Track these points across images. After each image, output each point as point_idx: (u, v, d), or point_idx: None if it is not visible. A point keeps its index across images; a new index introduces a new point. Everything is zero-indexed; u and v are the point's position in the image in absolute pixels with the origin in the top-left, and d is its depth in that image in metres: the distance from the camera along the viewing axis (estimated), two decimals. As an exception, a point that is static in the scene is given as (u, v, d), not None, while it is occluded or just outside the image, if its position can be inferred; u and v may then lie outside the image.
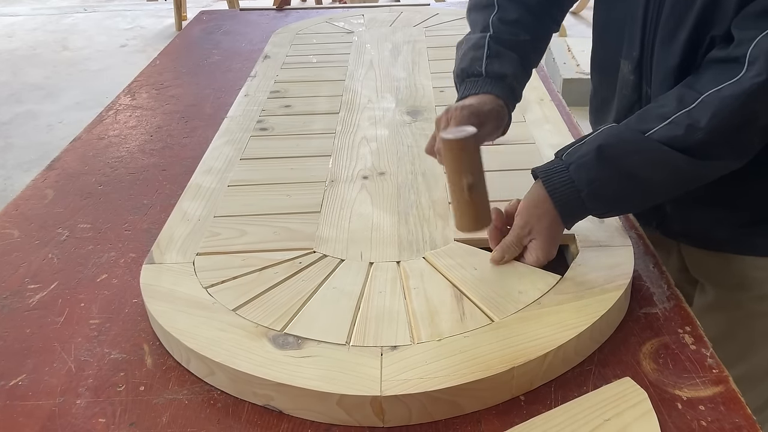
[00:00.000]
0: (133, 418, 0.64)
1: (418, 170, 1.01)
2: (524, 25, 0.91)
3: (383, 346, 0.67)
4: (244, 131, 1.16)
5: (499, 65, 0.87)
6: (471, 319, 0.70)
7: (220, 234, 0.87)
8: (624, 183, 0.72)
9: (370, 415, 0.62)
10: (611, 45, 0.89)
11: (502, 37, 0.90)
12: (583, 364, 0.68)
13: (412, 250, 0.82)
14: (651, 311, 0.75)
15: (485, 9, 0.93)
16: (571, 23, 4.56)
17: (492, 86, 0.86)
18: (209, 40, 1.77)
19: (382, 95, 1.29)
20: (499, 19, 0.91)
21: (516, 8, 0.91)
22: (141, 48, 4.58)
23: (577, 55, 3.38)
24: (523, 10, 0.91)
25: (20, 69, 4.26)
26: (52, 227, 0.96)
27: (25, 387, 0.68)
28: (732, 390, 0.64)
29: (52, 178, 1.09)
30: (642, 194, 0.75)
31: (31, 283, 0.84)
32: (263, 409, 0.65)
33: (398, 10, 1.86)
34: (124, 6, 5.64)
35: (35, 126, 3.44)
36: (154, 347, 0.73)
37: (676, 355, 0.68)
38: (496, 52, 0.88)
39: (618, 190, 0.73)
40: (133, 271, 0.85)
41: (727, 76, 0.67)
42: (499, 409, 0.63)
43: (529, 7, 0.92)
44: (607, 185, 0.72)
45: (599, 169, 0.72)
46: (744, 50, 0.66)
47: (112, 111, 1.35)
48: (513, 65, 0.88)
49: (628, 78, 0.86)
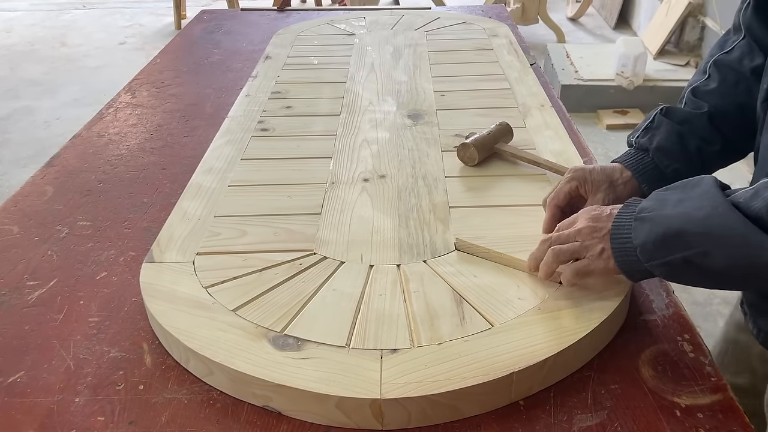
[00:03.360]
0: (132, 417, 0.64)
1: (419, 174, 1.01)
2: (715, 94, 0.82)
3: (383, 348, 0.67)
4: (245, 131, 1.16)
5: (649, 137, 0.83)
6: (471, 323, 0.70)
7: (221, 234, 0.87)
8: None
9: (369, 417, 0.62)
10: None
11: (678, 107, 0.84)
12: (583, 370, 0.68)
13: (413, 254, 0.82)
14: (650, 318, 0.75)
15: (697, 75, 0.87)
16: (569, 29, 4.58)
17: (628, 157, 0.83)
18: (210, 40, 1.76)
19: (383, 98, 1.29)
20: (693, 89, 0.85)
21: (720, 77, 0.83)
22: (140, 46, 4.57)
23: (575, 61, 3.39)
24: (730, 76, 0.82)
25: (18, 65, 4.25)
26: (51, 224, 0.95)
27: (23, 384, 0.68)
28: (730, 398, 0.64)
29: (51, 175, 1.09)
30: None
31: (30, 280, 0.84)
32: (262, 410, 0.65)
33: (399, 13, 1.86)
34: (123, 3, 5.63)
35: (32, 122, 3.43)
36: (154, 346, 0.73)
37: (674, 362, 0.69)
38: (657, 123, 0.84)
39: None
40: (132, 270, 0.85)
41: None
42: (499, 413, 0.64)
43: (739, 75, 0.81)
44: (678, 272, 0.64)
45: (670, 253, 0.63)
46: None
47: (113, 109, 1.35)
48: (664, 137, 0.82)
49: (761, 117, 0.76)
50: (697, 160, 0.83)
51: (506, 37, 1.63)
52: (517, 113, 1.21)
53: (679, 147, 0.82)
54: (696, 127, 0.83)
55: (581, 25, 4.74)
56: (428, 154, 1.07)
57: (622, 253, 0.67)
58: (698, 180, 0.65)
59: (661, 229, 0.63)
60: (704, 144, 0.83)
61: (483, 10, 1.97)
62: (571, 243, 0.71)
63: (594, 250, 0.69)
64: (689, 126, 0.83)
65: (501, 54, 1.51)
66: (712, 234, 0.60)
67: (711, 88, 0.84)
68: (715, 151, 0.83)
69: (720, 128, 0.83)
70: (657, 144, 0.83)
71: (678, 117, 0.84)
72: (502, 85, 1.33)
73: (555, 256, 0.71)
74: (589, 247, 0.69)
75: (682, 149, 0.82)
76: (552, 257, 0.71)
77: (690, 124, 0.83)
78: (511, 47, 1.55)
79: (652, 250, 0.64)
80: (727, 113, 0.83)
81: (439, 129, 1.16)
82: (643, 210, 0.66)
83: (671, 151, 0.82)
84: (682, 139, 0.82)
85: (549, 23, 4.33)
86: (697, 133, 0.83)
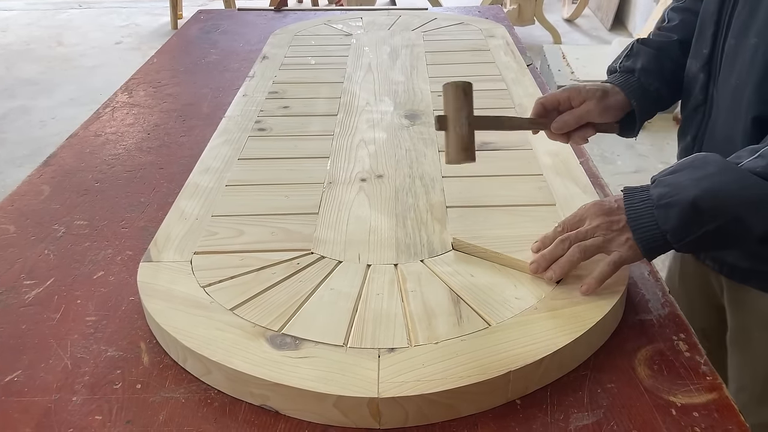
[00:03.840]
0: (129, 416, 0.64)
1: (416, 174, 1.01)
2: (680, 29, 0.94)
3: (380, 348, 0.67)
4: (243, 131, 1.16)
5: (632, 61, 0.93)
6: (468, 322, 0.70)
7: (218, 233, 0.87)
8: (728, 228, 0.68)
9: (367, 416, 0.62)
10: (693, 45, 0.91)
11: (650, 38, 0.96)
12: (579, 369, 0.69)
13: (410, 254, 0.82)
14: (646, 318, 0.75)
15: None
16: (565, 30, 4.59)
17: (615, 79, 0.92)
18: (207, 40, 1.76)
19: (380, 98, 1.30)
20: (658, 28, 0.98)
21: (679, 17, 0.96)
22: (136, 45, 4.57)
23: (571, 62, 3.40)
24: (688, 17, 0.94)
25: (14, 64, 4.24)
26: (48, 223, 0.95)
27: (20, 383, 0.68)
28: (725, 397, 0.64)
29: (48, 174, 1.09)
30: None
31: (27, 279, 0.84)
32: (260, 409, 0.65)
33: (396, 14, 1.87)
34: (119, 3, 5.62)
35: (28, 121, 3.43)
36: (151, 345, 0.73)
37: (670, 361, 0.69)
38: (636, 50, 0.95)
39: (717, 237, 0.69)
40: (130, 269, 0.85)
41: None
42: (495, 412, 0.64)
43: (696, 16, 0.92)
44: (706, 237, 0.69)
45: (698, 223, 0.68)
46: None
47: (109, 108, 1.35)
48: (646, 60, 0.92)
49: (697, 76, 0.87)
50: (672, 81, 0.93)
51: (503, 38, 1.63)
52: (513, 114, 1.21)
53: (658, 69, 0.93)
54: (669, 52, 0.94)
55: (577, 27, 4.75)
56: (425, 154, 1.07)
57: (648, 241, 0.70)
58: (703, 158, 0.71)
59: (690, 210, 0.67)
60: (677, 67, 0.93)
61: (480, 11, 1.97)
62: (593, 238, 0.73)
63: (619, 241, 0.72)
64: (664, 52, 0.94)
65: (498, 55, 1.51)
66: (747, 202, 0.66)
67: (674, 24, 0.96)
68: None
69: (687, 54, 0.93)
70: (641, 65, 0.93)
71: (654, 45, 0.95)
72: (498, 86, 1.34)
73: (582, 252, 0.73)
74: (613, 240, 0.72)
75: (660, 71, 0.93)
76: (578, 254, 0.73)
77: (664, 50, 0.94)
78: (508, 48, 1.55)
79: (685, 231, 0.68)
80: (689, 43, 0.93)
81: (436, 129, 1.16)
82: (662, 197, 0.69)
83: (653, 72, 0.93)
84: (660, 62, 0.93)
85: (545, 24, 4.34)
86: (671, 58, 0.94)
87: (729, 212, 0.67)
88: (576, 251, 0.73)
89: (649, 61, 0.92)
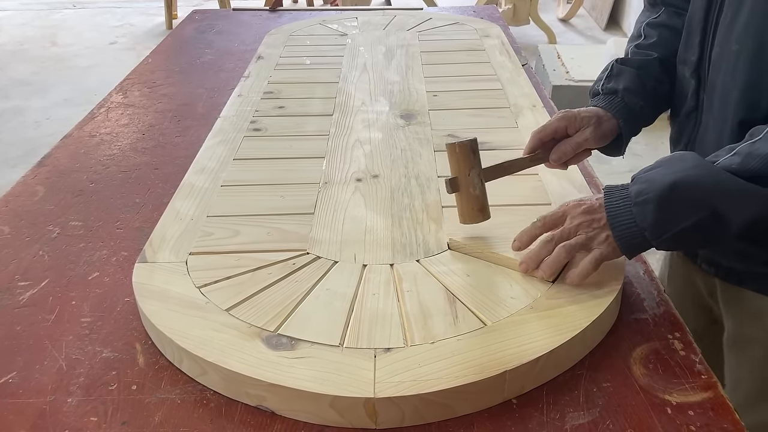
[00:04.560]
0: (125, 417, 0.64)
1: (412, 174, 1.01)
2: (658, 46, 0.94)
3: (376, 348, 0.67)
4: (238, 131, 1.16)
5: (614, 82, 0.93)
6: (464, 322, 0.70)
7: (213, 234, 0.87)
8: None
9: (363, 416, 0.62)
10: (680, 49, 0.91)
11: (630, 58, 0.96)
12: (575, 368, 0.69)
13: (406, 253, 0.82)
14: (641, 317, 0.76)
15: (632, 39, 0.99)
16: (560, 30, 4.60)
17: (600, 101, 0.93)
18: (202, 40, 1.76)
19: (375, 98, 1.30)
20: (636, 45, 0.97)
21: (656, 33, 0.96)
22: (130, 45, 4.56)
23: (566, 61, 3.40)
24: (664, 32, 0.95)
25: (7, 64, 4.22)
26: (42, 224, 0.95)
27: (15, 384, 0.68)
28: (721, 395, 0.65)
29: (42, 175, 1.09)
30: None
31: (22, 280, 0.83)
32: (256, 410, 0.65)
33: (391, 14, 1.87)
34: (113, 3, 5.60)
35: (22, 122, 3.41)
36: (147, 346, 0.73)
37: (665, 360, 0.69)
38: (617, 71, 0.94)
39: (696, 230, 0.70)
40: (125, 270, 0.84)
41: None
42: (492, 412, 0.64)
43: (672, 31, 0.94)
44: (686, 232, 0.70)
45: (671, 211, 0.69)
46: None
47: (104, 108, 1.34)
48: (628, 80, 0.92)
49: (689, 82, 0.88)
50: (655, 98, 0.94)
51: (498, 37, 1.63)
52: (509, 113, 1.21)
53: (641, 87, 0.93)
54: (650, 70, 0.94)
55: (572, 26, 4.76)
56: (421, 154, 1.07)
57: (626, 238, 0.71)
58: (681, 155, 0.73)
59: (667, 205, 0.68)
60: (658, 84, 0.94)
61: (474, 10, 1.97)
62: (576, 236, 0.74)
63: (600, 239, 0.73)
64: (645, 70, 0.94)
65: (493, 54, 1.51)
66: (721, 196, 0.67)
67: (652, 42, 0.96)
68: (666, 91, 0.95)
69: (668, 71, 0.94)
70: (624, 86, 0.93)
71: (634, 64, 0.95)
72: (494, 86, 1.34)
73: (567, 252, 0.74)
74: (594, 238, 0.74)
75: (643, 89, 0.93)
76: (564, 253, 0.74)
77: (644, 69, 0.94)
78: (503, 48, 1.56)
79: (662, 228, 0.69)
80: (669, 60, 0.94)
81: (431, 129, 1.16)
82: (639, 194, 0.70)
83: (636, 91, 0.93)
84: (642, 80, 0.93)
85: (540, 24, 4.35)
86: (652, 75, 0.94)
87: (704, 207, 0.68)
88: (562, 251, 0.74)
89: (632, 81, 0.93)
